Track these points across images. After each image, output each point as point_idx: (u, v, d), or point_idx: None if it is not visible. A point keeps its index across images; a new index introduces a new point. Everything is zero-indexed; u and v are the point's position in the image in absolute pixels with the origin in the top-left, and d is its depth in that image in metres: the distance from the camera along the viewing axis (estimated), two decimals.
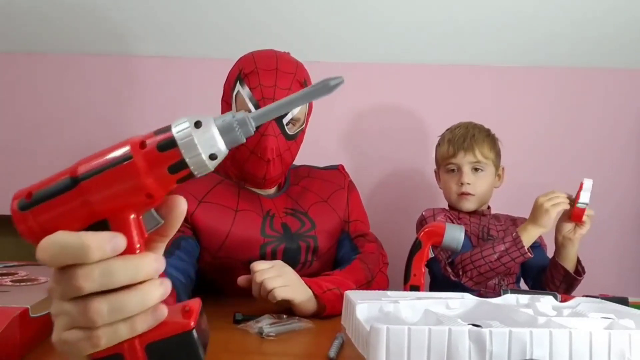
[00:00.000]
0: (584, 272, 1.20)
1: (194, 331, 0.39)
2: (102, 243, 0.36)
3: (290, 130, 1.05)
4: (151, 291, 0.38)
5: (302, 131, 1.10)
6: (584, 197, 1.14)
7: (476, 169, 1.31)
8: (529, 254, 1.13)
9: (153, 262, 0.38)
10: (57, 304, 0.38)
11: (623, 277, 1.67)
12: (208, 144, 0.37)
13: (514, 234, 1.15)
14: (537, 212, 1.15)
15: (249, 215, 1.07)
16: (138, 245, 0.39)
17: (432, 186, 1.64)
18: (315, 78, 1.14)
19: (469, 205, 1.32)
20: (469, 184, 1.30)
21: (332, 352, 0.66)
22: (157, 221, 0.41)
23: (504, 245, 1.14)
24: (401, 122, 1.73)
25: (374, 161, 1.72)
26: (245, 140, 0.39)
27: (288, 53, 1.11)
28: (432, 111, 1.70)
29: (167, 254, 0.83)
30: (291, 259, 1.06)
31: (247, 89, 1.02)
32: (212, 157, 0.38)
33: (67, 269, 0.36)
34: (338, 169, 1.26)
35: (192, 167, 0.37)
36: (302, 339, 0.77)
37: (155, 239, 0.41)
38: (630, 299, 0.99)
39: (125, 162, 0.37)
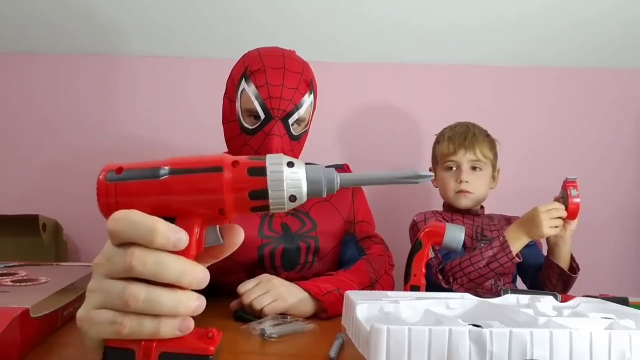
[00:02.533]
0: (579, 269, 1.20)
1: (212, 358, 0.39)
2: (169, 233, 0.38)
3: (295, 131, 1.03)
4: (188, 300, 0.39)
5: (306, 132, 1.08)
6: (574, 193, 1.12)
7: (474, 168, 1.32)
8: (516, 258, 1.12)
9: (200, 273, 0.39)
10: (98, 280, 0.39)
11: (623, 277, 1.67)
12: (293, 185, 0.39)
13: (502, 238, 1.14)
14: (533, 225, 1.12)
15: (246, 216, 1.05)
16: (193, 253, 0.40)
17: (428, 186, 1.64)
18: (318, 78, 1.15)
19: (466, 202, 1.32)
20: (467, 181, 1.30)
21: (333, 353, 0.66)
22: (217, 240, 0.42)
23: (492, 250, 1.14)
24: (399, 123, 1.73)
25: (370, 161, 1.72)
26: (325, 196, 0.41)
27: (293, 51, 1.10)
28: (431, 112, 1.71)
29: None
30: (290, 260, 1.05)
31: (253, 86, 0.99)
32: (292, 198, 0.39)
33: (125, 247, 0.38)
34: (343, 168, 1.24)
35: (270, 200, 0.39)
36: (302, 340, 0.77)
37: (205, 259, 0.42)
38: (631, 299, 0.99)
39: (214, 172, 0.39)
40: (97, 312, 0.38)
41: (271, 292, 0.87)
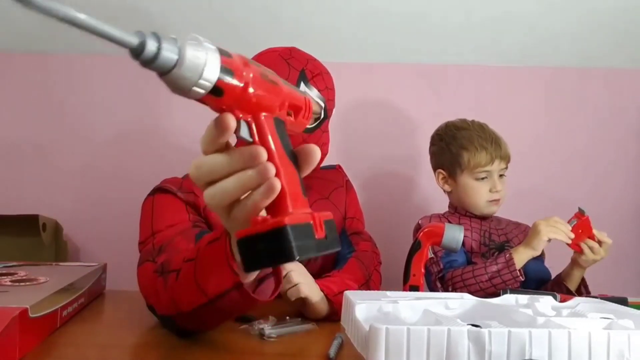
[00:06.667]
0: (588, 294, 1.19)
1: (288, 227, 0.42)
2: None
3: None
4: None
5: None
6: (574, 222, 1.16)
7: (501, 175, 1.32)
8: (520, 277, 1.13)
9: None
10: None
11: (622, 277, 1.67)
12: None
13: (507, 255, 1.14)
14: (533, 236, 1.14)
15: None
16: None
17: (423, 186, 1.64)
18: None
19: (495, 209, 1.32)
20: (500, 190, 1.29)
21: (332, 352, 0.66)
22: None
23: (497, 266, 1.14)
24: (394, 123, 1.73)
25: (363, 161, 1.72)
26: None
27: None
28: (427, 112, 1.69)
29: None
30: None
31: (315, 90, 1.05)
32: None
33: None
34: (336, 169, 1.26)
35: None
36: (302, 339, 0.77)
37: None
38: (630, 299, 0.99)
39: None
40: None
41: (305, 277, 0.87)
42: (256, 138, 0.45)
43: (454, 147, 1.32)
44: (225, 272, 0.56)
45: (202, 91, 0.41)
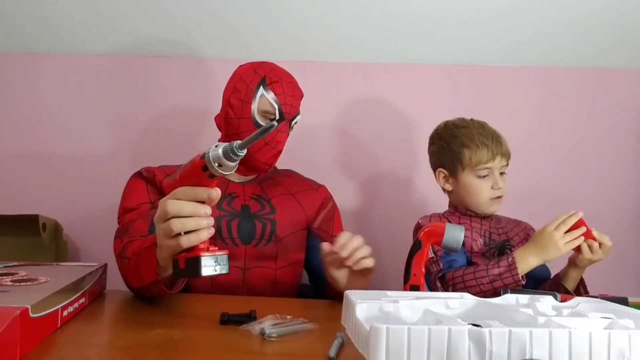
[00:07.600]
0: (587, 294, 1.19)
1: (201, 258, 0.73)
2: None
3: (291, 129, 1.24)
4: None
5: None
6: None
7: (502, 173, 1.31)
8: (522, 281, 1.12)
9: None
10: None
11: (623, 277, 1.67)
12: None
13: (510, 259, 1.13)
14: (546, 244, 1.12)
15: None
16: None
17: (421, 185, 1.65)
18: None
19: (497, 207, 1.31)
20: (501, 187, 1.29)
21: (332, 352, 0.66)
22: None
23: (499, 269, 1.13)
24: (390, 124, 1.72)
25: (362, 160, 1.72)
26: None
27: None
28: (424, 112, 1.69)
29: (150, 233, 1.02)
30: (247, 233, 1.17)
31: (272, 94, 1.19)
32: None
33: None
34: (320, 187, 1.33)
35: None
36: (302, 339, 0.77)
37: None
38: (630, 299, 0.99)
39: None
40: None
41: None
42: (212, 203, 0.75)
43: (454, 145, 1.31)
44: (153, 271, 0.85)
45: (226, 173, 0.71)
